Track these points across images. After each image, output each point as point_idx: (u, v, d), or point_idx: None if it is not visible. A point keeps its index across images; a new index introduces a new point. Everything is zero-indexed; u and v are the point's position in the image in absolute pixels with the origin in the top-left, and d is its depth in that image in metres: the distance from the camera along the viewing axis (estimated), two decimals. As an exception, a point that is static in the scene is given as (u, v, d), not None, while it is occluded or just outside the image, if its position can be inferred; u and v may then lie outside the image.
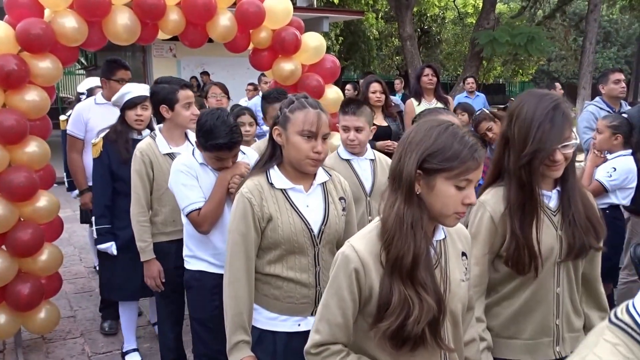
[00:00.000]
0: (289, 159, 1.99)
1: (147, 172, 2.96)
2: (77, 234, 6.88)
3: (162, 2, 3.43)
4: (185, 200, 2.51)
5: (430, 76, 5.27)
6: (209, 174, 2.55)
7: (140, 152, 2.96)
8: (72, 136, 4.09)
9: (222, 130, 2.40)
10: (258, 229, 1.99)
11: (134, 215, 2.99)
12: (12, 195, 3.30)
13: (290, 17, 3.92)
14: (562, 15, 22.33)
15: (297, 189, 2.02)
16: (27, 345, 3.83)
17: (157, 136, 3.01)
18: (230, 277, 1.99)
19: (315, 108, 1.96)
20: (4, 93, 3.23)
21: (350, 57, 21.67)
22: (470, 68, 15.32)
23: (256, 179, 2.02)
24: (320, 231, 2.04)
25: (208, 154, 2.49)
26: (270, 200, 1.98)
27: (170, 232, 3.05)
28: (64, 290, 4.45)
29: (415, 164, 1.44)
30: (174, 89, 2.91)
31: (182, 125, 3.00)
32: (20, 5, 3.23)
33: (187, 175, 2.52)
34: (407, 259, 1.43)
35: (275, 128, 2.00)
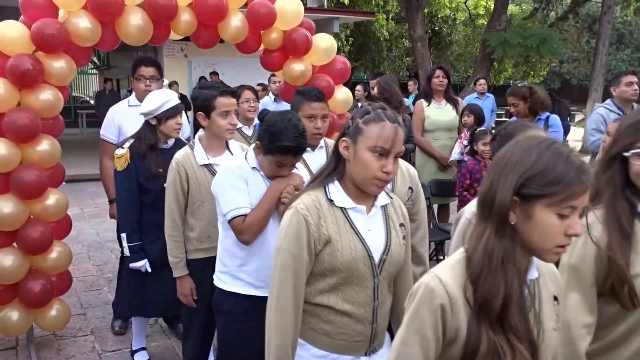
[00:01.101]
0: (352, 175, 1.77)
1: (182, 184, 2.79)
2: (85, 232, 6.94)
3: (174, 3, 3.46)
4: (231, 203, 2.29)
5: (441, 77, 5.27)
6: (260, 181, 2.35)
7: (177, 163, 2.79)
8: (104, 140, 3.92)
9: (292, 133, 2.22)
10: (312, 252, 1.75)
11: (167, 229, 2.85)
12: (22, 193, 3.34)
13: (301, 18, 3.94)
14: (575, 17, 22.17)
15: (359, 209, 1.80)
16: (39, 342, 3.87)
17: (196, 146, 2.84)
18: (276, 303, 1.76)
19: (393, 122, 1.72)
20: (19, 92, 3.27)
21: (360, 58, 21.67)
22: (481, 69, 15.25)
23: (314, 194, 1.79)
24: (382, 260, 1.80)
25: (269, 157, 2.29)
26: (329, 219, 1.76)
27: (206, 249, 2.85)
28: (74, 288, 4.49)
29: (512, 189, 1.26)
30: (213, 96, 2.73)
31: (218, 134, 2.80)
32: (35, 5, 3.26)
33: (237, 177, 2.32)
34: (497, 301, 1.25)
35: (342, 139, 1.77)
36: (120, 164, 3.13)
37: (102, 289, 4.99)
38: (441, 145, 5.28)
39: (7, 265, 3.35)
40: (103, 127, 3.91)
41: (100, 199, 8.97)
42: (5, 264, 3.34)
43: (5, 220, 3.30)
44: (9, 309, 3.51)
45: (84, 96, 24.82)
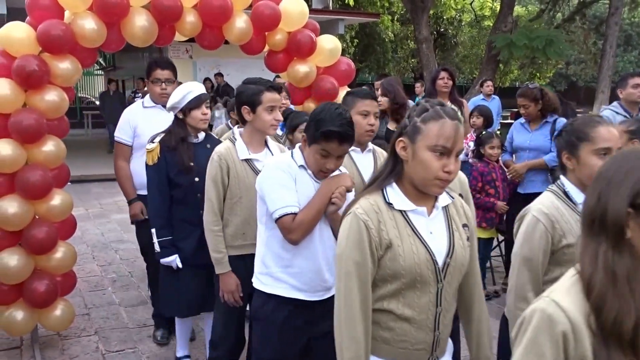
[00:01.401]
0: (411, 176, 1.70)
1: (223, 178, 2.72)
2: (89, 232, 6.97)
3: (179, 4, 3.47)
4: (280, 201, 2.20)
5: (445, 79, 5.26)
6: (308, 181, 2.27)
7: (219, 156, 2.73)
8: (119, 142, 3.85)
9: (337, 120, 2.15)
10: (375, 258, 1.68)
11: (208, 223, 2.76)
12: (27, 193, 3.35)
13: (306, 20, 3.94)
14: (582, 18, 22.09)
15: (419, 211, 1.73)
16: (43, 341, 3.88)
17: (237, 140, 2.77)
18: (345, 314, 1.67)
19: (453, 119, 1.64)
20: (24, 93, 3.29)
21: (365, 60, 21.66)
22: (487, 71, 15.21)
23: (372, 198, 1.72)
24: (445, 264, 1.72)
25: (314, 147, 2.20)
26: (389, 223, 1.69)
27: (238, 246, 2.78)
28: (78, 288, 4.50)
29: (626, 201, 1.18)
30: (260, 90, 2.68)
31: (262, 129, 2.74)
32: (41, 7, 3.28)
33: (286, 174, 2.23)
34: (629, 324, 1.13)
35: (400, 140, 1.70)
36: (151, 158, 3.10)
37: (106, 289, 5.01)
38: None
39: (12, 265, 3.36)
40: (118, 129, 3.85)
41: (105, 199, 9.01)
42: (10, 264, 3.36)
43: (11, 220, 3.31)
44: (14, 308, 3.52)
45: (89, 97, 24.91)
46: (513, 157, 4.85)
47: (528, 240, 2.06)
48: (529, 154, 4.63)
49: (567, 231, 2.02)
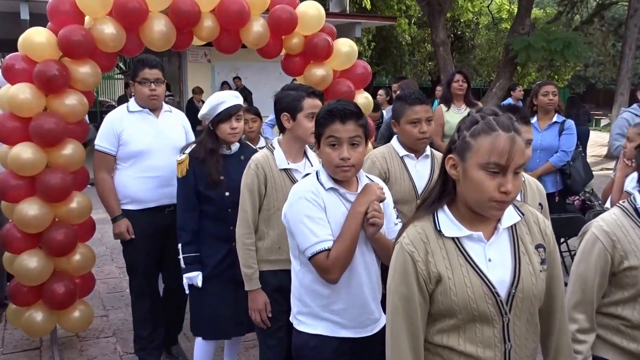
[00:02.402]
0: (464, 197, 1.52)
1: (260, 187, 2.56)
2: (108, 234, 6.93)
3: (197, 9, 3.50)
4: (310, 237, 1.97)
5: (460, 82, 5.25)
6: (339, 203, 2.04)
7: (256, 164, 2.57)
8: (100, 152, 3.47)
9: (333, 102, 2.02)
10: (425, 292, 1.52)
11: (240, 236, 2.59)
12: (48, 196, 3.40)
13: (323, 24, 3.95)
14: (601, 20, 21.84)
15: (475, 237, 1.53)
16: (62, 343, 3.93)
17: (276, 149, 2.62)
18: (393, 352, 1.55)
19: (508, 130, 1.44)
20: (45, 97, 3.34)
21: (382, 63, 21.63)
22: (504, 74, 15.13)
23: (420, 226, 1.56)
24: (510, 295, 1.51)
25: (322, 142, 2.03)
26: (439, 253, 1.52)
27: (274, 261, 2.60)
28: (97, 290, 4.55)
29: None
30: (300, 96, 2.55)
31: (302, 137, 2.58)
32: (61, 12, 3.33)
33: (313, 205, 2.00)
34: None
35: (449, 157, 1.53)
36: (180, 171, 2.97)
37: (124, 290, 5.05)
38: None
39: (32, 267, 3.41)
40: (99, 137, 3.48)
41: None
42: (30, 266, 3.41)
43: (31, 222, 3.36)
44: (34, 310, 3.57)
45: (109, 100, 25.18)
46: None
47: (585, 259, 1.93)
48: (540, 153, 4.66)
49: (630, 252, 1.86)
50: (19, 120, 3.31)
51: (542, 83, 4.90)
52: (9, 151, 3.34)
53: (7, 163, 3.36)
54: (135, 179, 3.46)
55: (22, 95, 3.24)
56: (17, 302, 3.60)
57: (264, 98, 8.84)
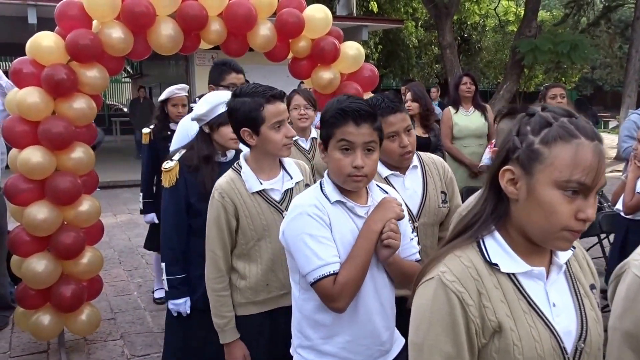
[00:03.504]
0: (524, 222, 1.16)
1: (229, 221, 2.16)
2: (117, 237, 7.05)
3: (204, 13, 3.51)
4: (314, 260, 1.66)
5: (468, 84, 5.26)
6: (347, 219, 1.74)
7: (220, 193, 2.16)
8: None
9: (345, 101, 1.70)
10: (475, 349, 1.14)
11: (210, 280, 2.21)
12: (57, 199, 3.41)
13: (330, 27, 3.95)
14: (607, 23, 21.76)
15: (536, 273, 1.18)
16: (70, 346, 3.94)
17: (243, 168, 2.18)
18: None
19: (592, 138, 1.10)
20: (53, 101, 3.35)
21: (389, 65, 21.61)
22: (511, 76, 15.10)
23: (465, 256, 1.18)
24: (578, 351, 1.19)
25: (331, 145, 1.70)
26: (496, 295, 1.14)
27: (262, 302, 2.23)
28: (104, 293, 4.56)
29: None
30: (258, 105, 2.09)
31: (273, 152, 2.17)
32: (69, 17, 3.34)
33: (316, 221, 1.69)
34: None
35: (506, 169, 1.16)
36: (168, 180, 2.58)
37: (132, 293, 5.06)
38: (471, 152, 5.24)
39: (40, 270, 3.42)
40: (175, 142, 3.37)
41: (133, 204, 9.11)
42: (38, 269, 3.42)
43: (40, 225, 3.37)
44: (41, 313, 3.58)
45: (117, 104, 25.31)
46: None
47: (631, 309, 1.30)
48: None
49: None
50: (28, 124, 3.33)
51: (550, 85, 4.88)
52: (18, 155, 3.36)
53: (16, 166, 3.38)
54: None
55: (30, 99, 3.26)
56: (24, 305, 3.61)
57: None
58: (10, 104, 3.38)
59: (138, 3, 3.33)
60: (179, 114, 4.33)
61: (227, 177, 2.21)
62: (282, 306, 2.19)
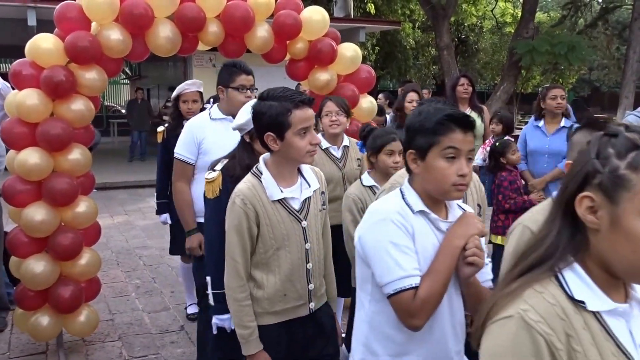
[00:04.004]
0: (606, 255, 1.05)
1: (251, 228, 2.12)
2: (114, 238, 7.05)
3: (202, 14, 3.53)
4: (396, 270, 1.57)
5: (465, 85, 5.28)
6: (429, 232, 1.65)
7: (242, 199, 2.11)
8: (181, 160, 3.31)
9: (446, 108, 1.63)
10: None
11: (231, 290, 2.16)
12: (54, 201, 3.43)
13: (327, 29, 3.97)
14: (605, 24, 21.80)
15: (620, 311, 1.07)
16: (68, 347, 3.94)
17: (264, 174, 2.14)
18: None
19: None
20: (52, 102, 3.37)
21: (386, 67, 21.64)
22: (509, 77, 15.13)
23: (548, 292, 1.04)
24: None
25: (433, 154, 1.61)
26: (585, 337, 1.02)
27: (280, 312, 2.19)
28: (102, 294, 4.56)
29: None
30: (286, 109, 2.05)
31: (296, 159, 2.13)
32: (68, 19, 3.36)
33: (401, 230, 1.60)
34: None
35: (585, 196, 1.04)
36: (211, 190, 2.52)
37: (130, 295, 5.07)
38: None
39: (38, 271, 3.44)
40: (180, 145, 3.32)
41: (129, 206, 9.13)
42: (36, 270, 3.43)
43: (37, 227, 3.39)
44: (40, 314, 3.59)
45: (115, 105, 25.30)
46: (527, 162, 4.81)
47: None
48: (548, 158, 4.63)
49: None
50: (26, 126, 3.35)
51: (550, 86, 4.90)
52: (16, 156, 3.37)
53: (14, 168, 3.39)
54: None
55: (29, 101, 3.28)
56: (23, 306, 3.62)
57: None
58: (10, 106, 3.40)
59: (136, 5, 3.34)
60: (189, 110, 4.19)
61: (247, 182, 2.16)
62: (299, 317, 2.18)
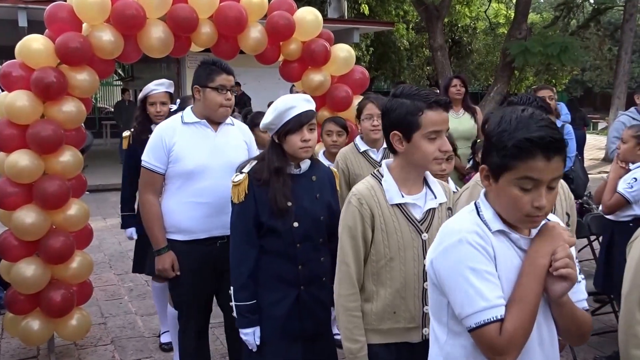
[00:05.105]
0: None
1: (366, 231, 1.94)
2: (107, 241, 7.01)
3: (194, 15, 3.50)
4: (477, 301, 1.36)
5: (458, 86, 5.27)
6: (512, 254, 1.43)
7: (358, 199, 1.94)
8: (148, 169, 2.91)
9: (532, 123, 1.35)
10: None
11: (341, 298, 1.97)
12: (45, 203, 3.39)
13: (320, 30, 3.96)
14: (597, 25, 21.92)
15: None
16: (60, 351, 3.90)
17: (385, 177, 1.97)
18: None
19: None
20: (42, 104, 3.33)
21: (380, 68, 21.68)
22: (502, 78, 15.18)
23: None
24: None
25: (506, 178, 1.38)
26: None
27: (386, 331, 1.99)
28: (95, 297, 4.53)
29: None
30: (417, 109, 1.87)
31: (421, 164, 1.94)
32: (59, 19, 3.33)
33: (480, 253, 1.39)
34: None
35: None
36: (237, 195, 2.34)
37: (122, 298, 5.03)
38: (460, 154, 5.23)
39: (29, 274, 3.39)
40: (147, 152, 2.93)
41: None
42: (27, 274, 3.39)
43: (28, 230, 3.35)
44: (30, 318, 3.55)
45: (108, 107, 25.21)
46: None
47: None
48: None
49: None
50: (16, 128, 3.31)
51: (538, 88, 4.91)
52: (5, 158, 3.33)
53: (4, 170, 3.35)
54: (183, 204, 2.87)
55: (19, 102, 3.24)
56: (13, 310, 3.58)
57: (263, 103, 8.85)
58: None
59: (128, 6, 3.32)
60: (158, 113, 3.83)
61: (366, 183, 2.00)
62: (407, 341, 1.95)
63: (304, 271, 2.35)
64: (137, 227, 3.87)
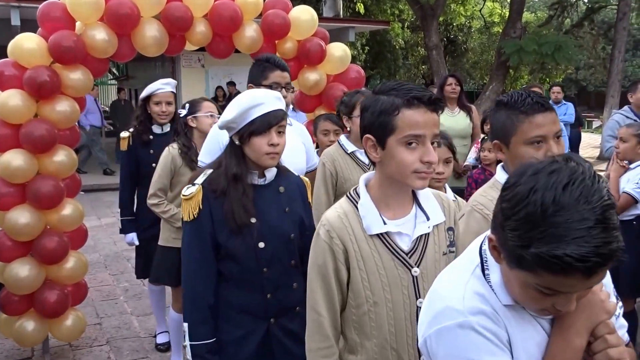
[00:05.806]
0: None
1: (339, 270, 1.57)
2: (102, 241, 6.98)
3: (189, 14, 3.48)
4: None
5: (453, 85, 5.28)
6: (532, 328, 1.11)
7: (327, 230, 1.58)
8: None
9: (587, 233, 0.92)
10: None
11: (313, 352, 1.62)
12: (39, 203, 3.36)
13: (315, 28, 3.95)
14: (591, 24, 22.02)
15: None
16: (55, 352, 3.89)
17: (362, 199, 1.58)
18: None
19: None
20: (36, 103, 3.31)
21: (376, 67, 21.70)
22: (497, 77, 15.21)
23: None
24: None
25: (523, 276, 1.01)
26: None
27: None
28: (90, 298, 4.51)
29: None
30: (394, 106, 1.46)
31: (396, 177, 1.55)
32: (52, 18, 3.30)
33: (489, 342, 1.07)
34: None
35: None
36: (189, 212, 1.95)
37: (118, 298, 5.01)
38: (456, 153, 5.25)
39: (23, 275, 3.37)
40: (202, 153, 2.81)
41: (117, 207, 9.03)
42: (21, 274, 3.37)
43: (22, 230, 3.32)
44: (25, 319, 3.52)
45: (103, 106, 25.11)
46: None
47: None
48: None
49: None
50: (9, 127, 3.28)
51: (526, 87, 4.92)
52: (-1, 158, 3.31)
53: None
54: None
55: (12, 102, 3.21)
56: (7, 311, 3.55)
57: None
58: (-8, 107, 3.33)
59: (122, 4, 3.29)
60: (162, 113, 3.72)
61: (338, 209, 1.59)
62: None
63: (272, 301, 1.99)
64: (137, 232, 3.84)
